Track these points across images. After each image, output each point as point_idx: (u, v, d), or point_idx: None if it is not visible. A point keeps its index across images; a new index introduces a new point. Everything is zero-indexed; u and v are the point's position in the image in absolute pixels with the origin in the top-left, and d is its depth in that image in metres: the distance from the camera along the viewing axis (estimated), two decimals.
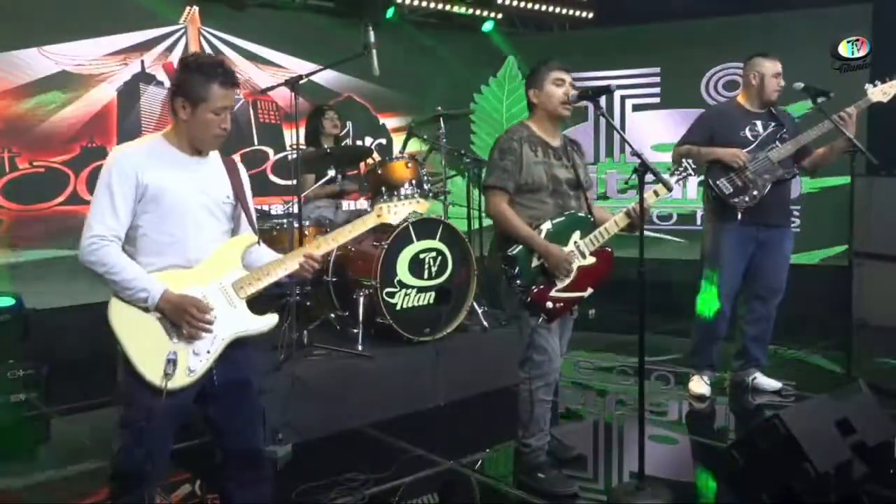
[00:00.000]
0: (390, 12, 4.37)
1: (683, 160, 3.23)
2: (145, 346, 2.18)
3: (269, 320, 2.37)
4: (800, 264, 4.31)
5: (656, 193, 3.14)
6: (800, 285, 4.39)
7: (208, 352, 2.25)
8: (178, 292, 2.21)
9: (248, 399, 2.40)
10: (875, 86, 3.86)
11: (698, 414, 4.18)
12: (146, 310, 2.19)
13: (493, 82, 7.80)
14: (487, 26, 7.42)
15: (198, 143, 2.32)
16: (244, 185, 2.47)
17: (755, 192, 3.97)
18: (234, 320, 2.31)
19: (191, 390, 2.25)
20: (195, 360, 2.23)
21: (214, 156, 2.43)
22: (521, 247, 3.02)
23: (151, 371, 2.16)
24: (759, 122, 4.06)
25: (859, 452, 2.87)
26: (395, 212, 2.55)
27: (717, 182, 4.01)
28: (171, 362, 2.17)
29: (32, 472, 3.59)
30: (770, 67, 4.04)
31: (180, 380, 2.20)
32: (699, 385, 4.30)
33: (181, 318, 2.20)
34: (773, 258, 4.14)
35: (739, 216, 4.01)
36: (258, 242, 2.44)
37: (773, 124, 4.06)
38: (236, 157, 2.54)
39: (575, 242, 3.09)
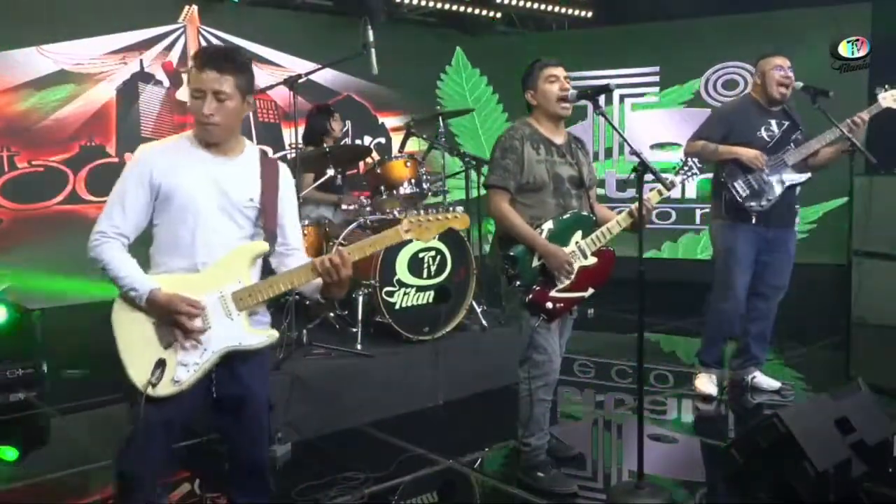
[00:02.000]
0: None
1: (689, 159, 3.21)
2: (136, 348, 2.15)
3: (268, 336, 2.27)
4: (799, 263, 4.30)
5: (659, 193, 3.14)
6: (800, 285, 4.38)
7: (196, 363, 2.17)
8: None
9: (249, 414, 2.31)
10: (885, 90, 3.83)
11: (697, 413, 4.18)
12: (135, 308, 2.15)
13: (451, 71, 7.95)
14: None
15: (197, 132, 2.24)
16: (279, 190, 2.32)
17: (770, 197, 3.96)
18: (229, 333, 2.20)
19: (182, 401, 2.17)
20: (182, 371, 2.15)
21: (250, 155, 2.32)
22: (521, 246, 3.01)
23: (138, 374, 2.12)
24: (773, 122, 4.03)
25: (858, 451, 2.87)
26: (428, 228, 2.28)
27: (735, 184, 3.96)
28: (158, 369, 2.11)
29: (32, 471, 3.59)
30: (771, 62, 4.02)
31: (164, 389, 2.13)
32: (706, 384, 4.25)
33: (171, 318, 2.13)
34: (780, 257, 4.13)
35: (754, 220, 3.98)
36: (271, 252, 2.30)
37: (787, 123, 4.03)
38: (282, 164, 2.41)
39: (576, 242, 3.08)
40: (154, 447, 2.19)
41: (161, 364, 2.12)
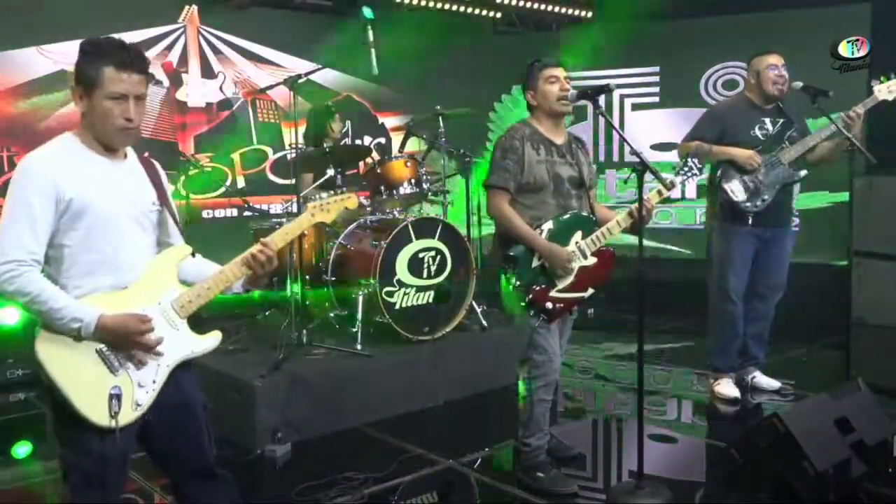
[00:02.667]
0: (368, 12, 4.16)
1: (689, 160, 3.21)
2: (83, 381, 1.93)
3: (213, 340, 2.17)
4: (799, 263, 4.29)
5: (660, 193, 3.13)
6: (800, 285, 4.38)
7: (154, 381, 2.03)
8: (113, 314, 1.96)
9: (193, 418, 2.18)
10: (881, 82, 3.82)
11: (697, 413, 4.18)
12: (79, 340, 1.93)
13: (516, 91, 7.79)
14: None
15: (103, 137, 2.01)
16: (166, 188, 2.20)
17: (766, 197, 3.94)
18: (178, 344, 2.09)
19: (136, 424, 2.03)
20: (141, 393, 2.00)
21: (132, 157, 2.16)
22: (521, 246, 3.02)
23: (95, 411, 1.92)
24: (767, 120, 4.02)
25: (858, 451, 2.87)
26: (328, 209, 2.32)
27: (729, 185, 3.95)
28: (116, 398, 1.93)
29: (32, 471, 3.59)
30: (765, 60, 4.01)
31: (127, 416, 1.96)
32: (727, 388, 4.21)
33: (128, 340, 1.97)
34: (777, 257, 4.13)
35: (751, 220, 3.97)
36: (192, 254, 2.20)
37: (781, 121, 4.02)
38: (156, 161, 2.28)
39: (576, 242, 3.08)
40: (120, 484, 2.08)
41: (117, 391, 1.96)
